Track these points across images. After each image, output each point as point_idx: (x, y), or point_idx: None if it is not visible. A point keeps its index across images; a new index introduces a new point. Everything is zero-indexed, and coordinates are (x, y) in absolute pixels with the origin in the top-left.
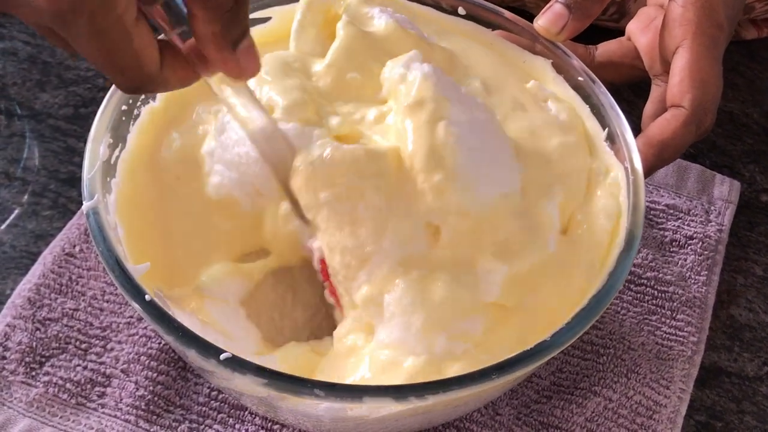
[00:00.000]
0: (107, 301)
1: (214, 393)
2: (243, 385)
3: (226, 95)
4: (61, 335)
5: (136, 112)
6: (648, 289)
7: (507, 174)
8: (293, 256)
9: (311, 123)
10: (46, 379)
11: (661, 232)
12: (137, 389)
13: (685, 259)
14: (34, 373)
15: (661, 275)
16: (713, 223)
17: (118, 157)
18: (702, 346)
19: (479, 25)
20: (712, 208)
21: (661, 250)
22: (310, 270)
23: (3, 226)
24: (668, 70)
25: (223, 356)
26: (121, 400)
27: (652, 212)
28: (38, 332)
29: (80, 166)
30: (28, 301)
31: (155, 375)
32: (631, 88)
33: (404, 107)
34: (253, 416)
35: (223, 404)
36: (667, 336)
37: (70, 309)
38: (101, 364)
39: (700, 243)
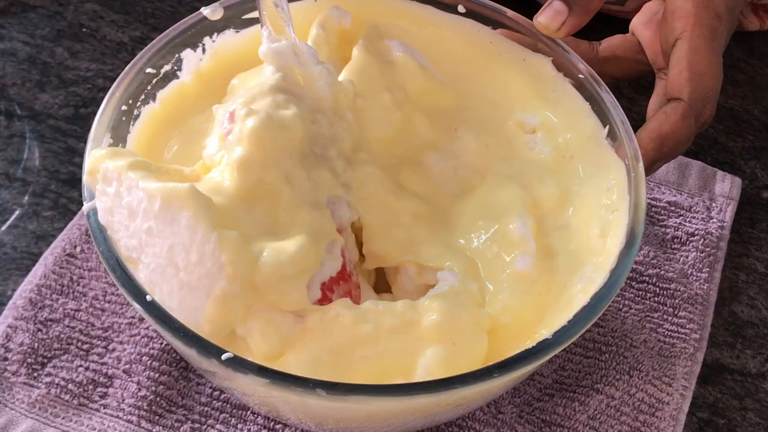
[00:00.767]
0: (109, 302)
1: (216, 393)
2: (245, 385)
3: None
4: (62, 336)
5: (136, 112)
6: (650, 286)
7: None
8: None
9: None
10: (48, 380)
11: (663, 229)
12: (139, 390)
13: (687, 256)
14: (36, 374)
15: (662, 272)
16: (715, 220)
17: None
18: (704, 343)
19: (479, 23)
20: (714, 204)
21: (663, 247)
22: None
23: (4, 227)
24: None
25: (224, 356)
26: (123, 400)
27: (653, 209)
28: (40, 333)
29: (81, 166)
30: (29, 302)
31: (157, 375)
32: (631, 86)
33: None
34: (256, 416)
35: (225, 404)
36: (669, 333)
37: (71, 310)
38: (103, 364)
39: (702, 240)
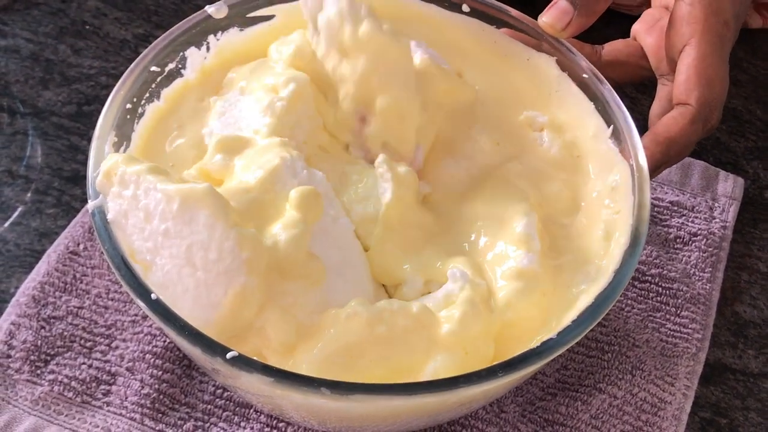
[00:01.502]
0: (112, 299)
1: (219, 391)
2: (249, 384)
3: None
4: (66, 333)
5: (140, 110)
6: (652, 286)
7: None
8: None
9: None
10: (51, 377)
11: (666, 229)
12: (142, 387)
13: (690, 256)
14: (39, 372)
15: (665, 272)
16: (717, 220)
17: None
18: (706, 343)
19: (483, 22)
20: (716, 204)
21: (666, 247)
22: None
23: (7, 224)
24: (674, 69)
25: (229, 355)
26: (127, 398)
27: (656, 209)
28: (43, 330)
29: (83, 164)
30: (32, 299)
31: (160, 373)
32: (635, 86)
33: None
34: (259, 414)
35: (228, 402)
36: (672, 333)
37: (74, 307)
38: (106, 362)
39: (705, 240)
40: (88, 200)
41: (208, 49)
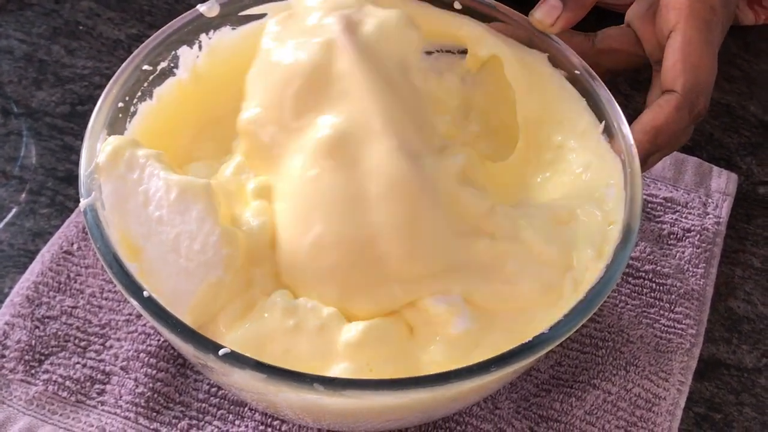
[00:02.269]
0: (106, 299)
1: (213, 389)
2: (242, 381)
3: None
4: (60, 333)
5: (132, 109)
6: (646, 281)
7: None
8: None
9: None
10: (45, 377)
11: (659, 225)
12: (137, 386)
13: (683, 252)
14: (33, 371)
15: (659, 268)
16: (711, 216)
17: None
18: (700, 338)
19: (475, 19)
20: (710, 200)
21: (659, 243)
22: None
23: (1, 225)
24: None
25: (221, 351)
26: (121, 397)
27: (649, 205)
28: (37, 330)
29: (77, 164)
30: (26, 299)
31: (155, 372)
32: (628, 82)
33: None
34: (253, 412)
35: (222, 401)
36: (666, 328)
37: (68, 307)
38: (101, 361)
39: (698, 236)
40: (81, 199)
41: (200, 48)
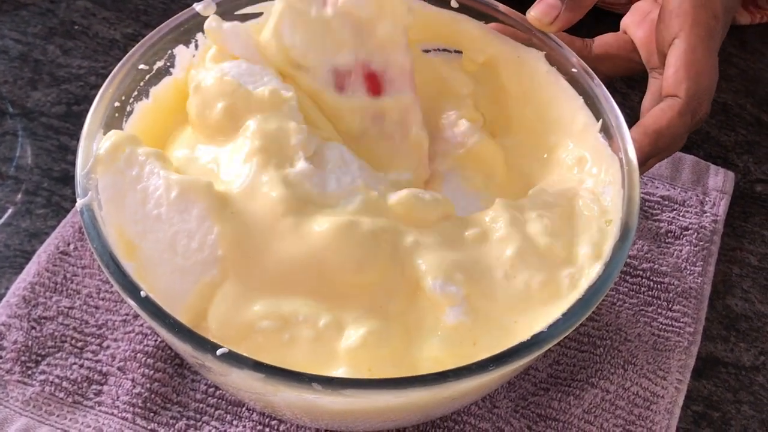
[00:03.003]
0: (103, 299)
1: (211, 390)
2: (239, 381)
3: None
4: (56, 333)
5: (129, 108)
6: (644, 280)
7: None
8: None
9: None
10: (42, 377)
11: (657, 224)
12: (134, 387)
13: (681, 250)
14: (30, 372)
15: (656, 266)
16: (708, 214)
17: None
18: (698, 336)
19: (472, 18)
20: (707, 198)
21: (657, 241)
22: None
23: None
24: (665, 62)
25: (219, 351)
26: (118, 397)
27: (647, 203)
28: (34, 331)
29: (73, 164)
30: (23, 299)
31: (152, 372)
32: (624, 81)
33: None
34: (251, 412)
35: (220, 401)
36: (664, 327)
37: (65, 307)
38: (97, 362)
39: (696, 234)
40: (77, 199)
41: (196, 47)
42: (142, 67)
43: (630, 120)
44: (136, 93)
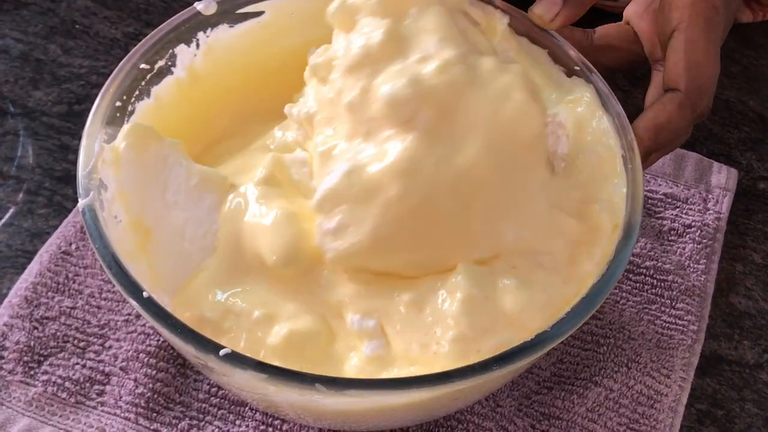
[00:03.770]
0: (105, 299)
1: (213, 389)
2: (242, 381)
3: None
4: (59, 334)
5: (130, 108)
6: (647, 278)
7: None
8: None
9: None
10: (44, 378)
11: (660, 221)
12: (137, 387)
13: (684, 248)
14: (32, 373)
15: (659, 264)
16: (711, 212)
17: None
18: (702, 334)
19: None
20: (710, 196)
21: (660, 239)
22: None
23: None
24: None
25: (222, 352)
26: (121, 397)
27: (650, 201)
28: (36, 331)
29: (75, 163)
30: (25, 300)
31: (154, 372)
32: (627, 78)
33: None
34: (254, 412)
35: (223, 401)
36: (667, 325)
37: (67, 307)
38: (100, 362)
39: (699, 231)
40: (79, 198)
41: (197, 46)
42: (143, 66)
43: (633, 117)
44: (137, 92)
